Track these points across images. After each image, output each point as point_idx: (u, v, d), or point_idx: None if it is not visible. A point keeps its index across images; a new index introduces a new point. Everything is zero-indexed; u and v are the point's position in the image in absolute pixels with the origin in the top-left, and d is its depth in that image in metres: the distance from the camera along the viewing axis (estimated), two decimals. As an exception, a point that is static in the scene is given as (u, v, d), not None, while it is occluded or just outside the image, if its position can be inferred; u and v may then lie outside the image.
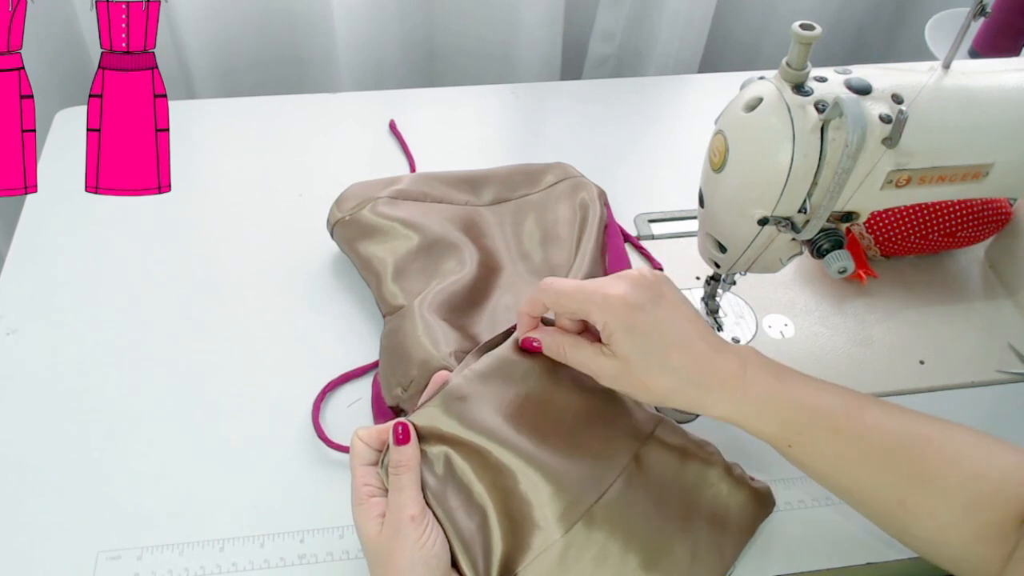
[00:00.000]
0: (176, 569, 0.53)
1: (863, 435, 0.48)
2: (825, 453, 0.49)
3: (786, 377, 0.50)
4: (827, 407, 0.49)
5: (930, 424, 0.49)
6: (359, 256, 0.68)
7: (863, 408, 0.49)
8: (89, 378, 0.63)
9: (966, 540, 0.46)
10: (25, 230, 0.73)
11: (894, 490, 0.48)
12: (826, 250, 0.54)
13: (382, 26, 1.03)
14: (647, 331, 0.49)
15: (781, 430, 0.49)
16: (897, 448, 0.48)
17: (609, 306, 0.49)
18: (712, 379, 0.49)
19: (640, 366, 0.49)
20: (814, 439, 0.48)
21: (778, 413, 0.49)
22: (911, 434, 0.48)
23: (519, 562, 0.49)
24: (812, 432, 0.48)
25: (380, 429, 0.50)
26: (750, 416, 0.49)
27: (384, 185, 0.72)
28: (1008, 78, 0.53)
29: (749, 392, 0.49)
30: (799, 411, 0.48)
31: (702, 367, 0.49)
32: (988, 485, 0.46)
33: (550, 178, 0.75)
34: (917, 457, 0.47)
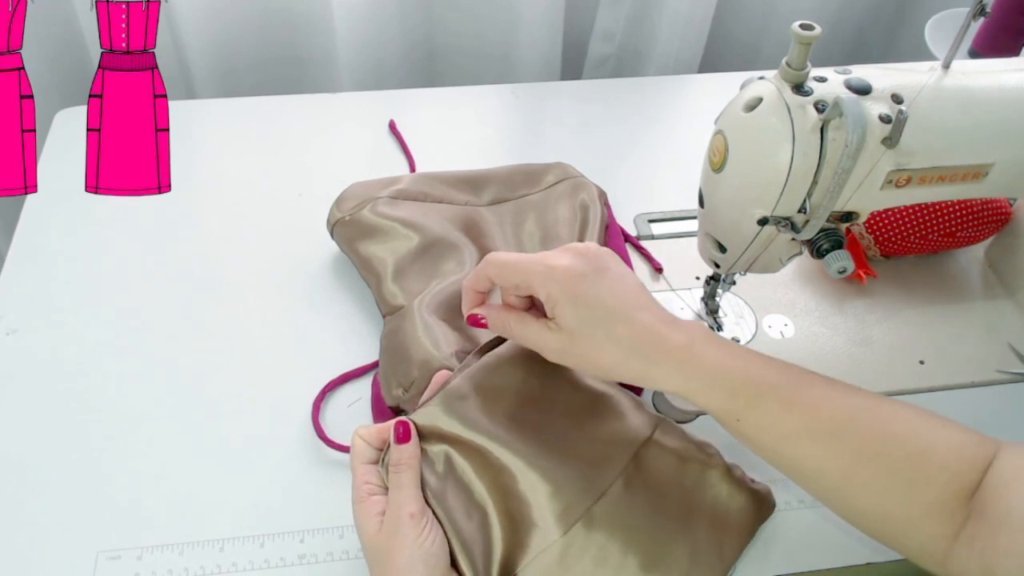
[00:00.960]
0: (176, 569, 0.53)
1: (811, 409, 0.48)
2: (773, 427, 0.48)
3: (735, 351, 0.49)
4: (776, 381, 0.48)
5: (878, 401, 0.49)
6: (359, 256, 0.68)
7: (812, 383, 0.49)
8: (89, 378, 0.63)
9: (912, 517, 0.46)
10: (25, 230, 0.73)
11: (839, 464, 0.47)
12: (826, 250, 0.54)
13: (382, 26, 1.03)
14: (591, 302, 0.48)
15: (730, 403, 0.48)
16: (845, 423, 0.47)
17: (552, 276, 0.48)
18: (659, 351, 0.48)
19: (585, 338, 0.48)
20: (763, 412, 0.48)
21: (727, 386, 0.48)
22: (859, 410, 0.48)
23: (519, 562, 0.49)
24: (761, 405, 0.48)
25: (381, 428, 0.50)
26: (698, 389, 0.48)
27: (384, 185, 0.72)
28: (1008, 78, 0.53)
29: (698, 365, 0.48)
30: (748, 384, 0.48)
31: (649, 339, 0.48)
32: (934, 461, 0.46)
33: (550, 178, 0.75)
34: (864, 432, 0.47)
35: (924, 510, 0.46)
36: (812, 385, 0.49)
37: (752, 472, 0.57)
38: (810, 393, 0.48)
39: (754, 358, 0.49)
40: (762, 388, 0.48)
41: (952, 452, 0.46)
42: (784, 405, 0.48)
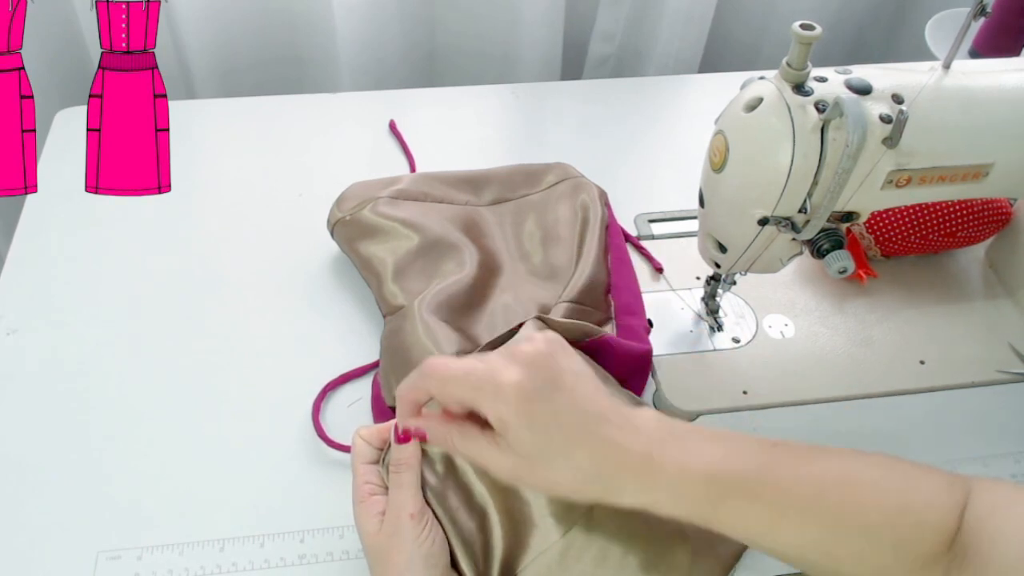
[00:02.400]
0: (176, 569, 0.53)
1: (779, 495, 0.46)
2: (745, 522, 0.46)
3: (693, 448, 0.46)
4: (739, 471, 0.46)
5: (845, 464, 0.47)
6: (359, 256, 0.68)
7: (777, 463, 0.46)
8: (89, 378, 0.63)
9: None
10: (25, 230, 0.73)
11: (819, 543, 0.45)
12: (826, 250, 0.54)
13: (382, 26, 1.03)
14: (547, 425, 0.44)
15: (697, 508, 0.45)
16: (815, 498, 0.46)
17: (502, 397, 0.43)
18: (621, 472, 0.44)
19: (540, 463, 0.44)
20: (731, 511, 0.45)
21: (690, 492, 0.45)
22: (826, 481, 0.46)
23: (519, 562, 0.49)
24: (727, 504, 0.45)
25: (382, 427, 0.50)
26: (663, 502, 0.45)
27: (384, 185, 0.72)
28: (1008, 78, 0.53)
29: (659, 478, 0.45)
30: (711, 485, 0.45)
31: (609, 461, 0.44)
32: (911, 518, 0.45)
33: (551, 178, 0.75)
34: (836, 504, 0.46)
35: (910, 569, 0.45)
36: (777, 466, 0.46)
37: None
38: (775, 476, 0.46)
39: (714, 448, 0.46)
40: (726, 486, 0.45)
41: (928, 505, 0.45)
42: (751, 498, 0.45)
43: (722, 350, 0.66)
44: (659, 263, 0.72)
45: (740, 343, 0.67)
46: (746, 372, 0.64)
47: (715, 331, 0.67)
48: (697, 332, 0.67)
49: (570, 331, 0.56)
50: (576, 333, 0.58)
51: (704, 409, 0.62)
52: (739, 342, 0.67)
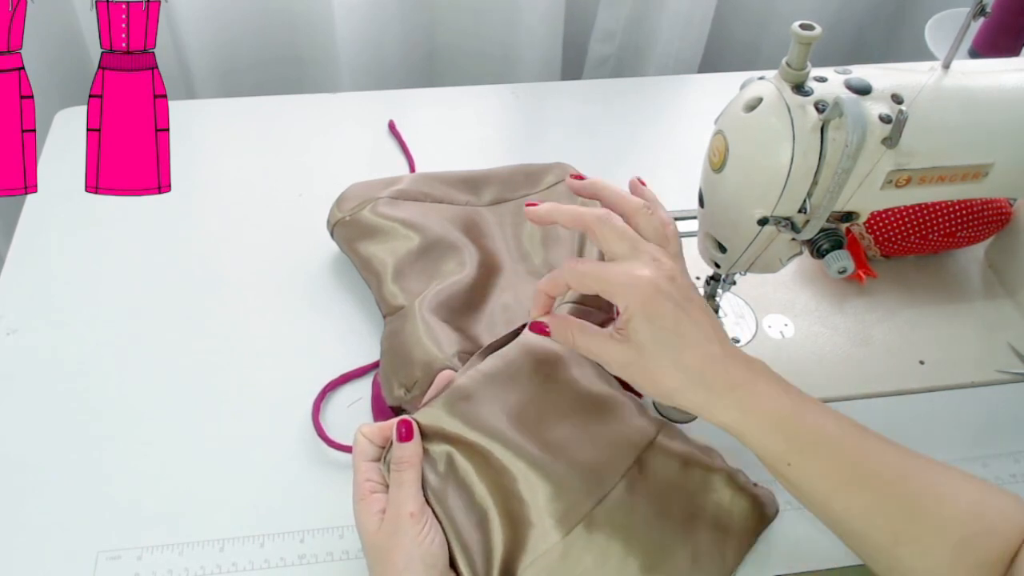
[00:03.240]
0: (176, 569, 0.53)
1: (864, 463, 0.47)
2: (824, 476, 0.48)
3: (794, 396, 0.49)
4: (831, 431, 0.48)
5: (928, 462, 0.49)
6: (359, 256, 0.68)
7: (865, 437, 0.49)
8: (89, 378, 0.63)
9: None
10: (25, 230, 0.73)
11: (888, 521, 0.47)
12: (826, 250, 0.54)
13: (382, 26, 1.03)
14: (667, 324, 0.47)
15: (783, 446, 0.48)
16: (895, 480, 0.47)
17: (636, 287, 0.47)
18: (722, 384, 0.47)
19: (652, 358, 0.47)
20: (815, 461, 0.47)
21: (783, 429, 0.47)
22: (909, 468, 0.48)
23: (519, 563, 0.49)
24: (814, 453, 0.47)
25: (384, 426, 0.50)
26: (754, 428, 0.48)
27: (384, 185, 0.72)
28: (1008, 78, 0.53)
29: (757, 403, 0.48)
30: (803, 430, 0.47)
31: (714, 370, 0.47)
32: (982, 523, 0.46)
33: (550, 178, 0.75)
34: (914, 490, 0.47)
35: (968, 571, 0.45)
36: (865, 439, 0.49)
37: (755, 474, 0.57)
38: (863, 446, 0.48)
39: (812, 406, 0.49)
40: (817, 436, 0.48)
41: (1000, 515, 0.46)
42: (837, 455, 0.47)
43: (722, 350, 0.66)
44: None
45: (740, 343, 0.66)
46: (746, 372, 0.64)
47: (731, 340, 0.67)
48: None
49: None
50: None
51: (704, 409, 0.62)
52: (739, 342, 0.67)
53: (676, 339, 0.47)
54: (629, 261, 0.48)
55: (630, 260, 0.48)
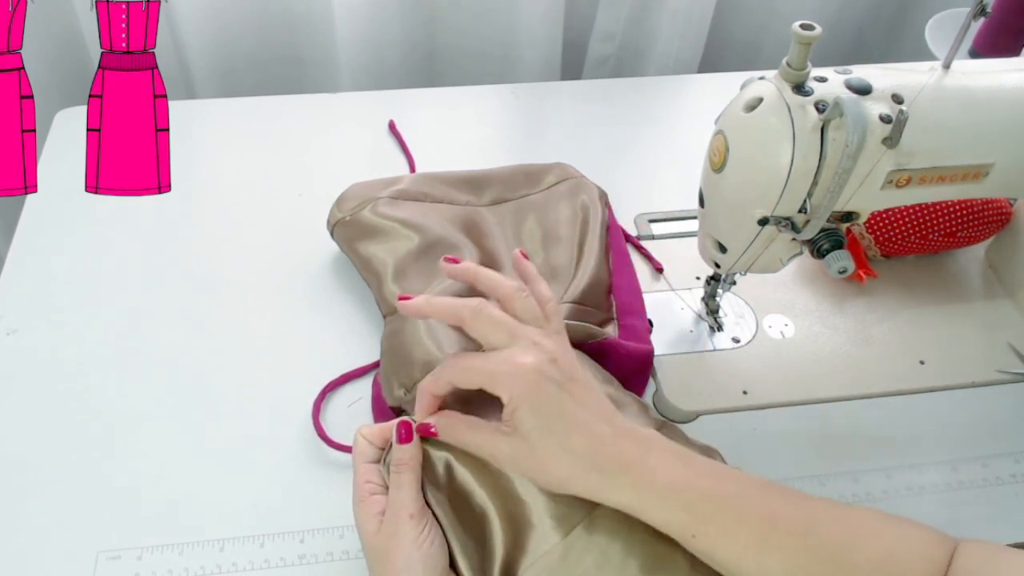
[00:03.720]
0: (176, 569, 0.53)
1: (769, 520, 0.46)
2: (732, 542, 0.46)
3: (690, 463, 0.48)
4: (732, 493, 0.47)
5: (836, 507, 0.48)
6: (359, 256, 0.68)
7: (767, 494, 0.48)
8: (89, 378, 0.63)
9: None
10: (25, 230, 0.73)
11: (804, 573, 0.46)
12: (826, 250, 0.54)
13: (382, 26, 1.03)
14: (552, 410, 0.46)
15: (686, 519, 0.46)
16: (806, 531, 0.46)
17: (519, 375, 0.46)
18: (614, 464, 0.46)
19: (540, 446, 0.46)
20: (720, 528, 0.46)
21: (682, 500, 0.46)
22: (818, 516, 0.47)
23: (519, 564, 0.49)
24: (718, 520, 0.46)
25: (383, 427, 0.50)
26: (653, 503, 0.46)
27: (384, 185, 0.72)
28: (1008, 78, 0.53)
29: (652, 478, 0.46)
30: (704, 499, 0.46)
31: (604, 451, 0.46)
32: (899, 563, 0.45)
33: (551, 178, 0.75)
34: (826, 540, 0.46)
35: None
36: (768, 496, 0.48)
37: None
38: (767, 504, 0.47)
39: (710, 470, 0.48)
40: (717, 502, 0.47)
41: (916, 553, 0.46)
42: (740, 517, 0.46)
43: (722, 350, 0.66)
44: (659, 263, 0.72)
45: (740, 343, 0.67)
46: (746, 372, 0.64)
47: (715, 331, 0.67)
48: (697, 332, 0.67)
49: (574, 332, 0.56)
50: (580, 334, 0.58)
51: (704, 409, 0.62)
52: (739, 342, 0.67)
53: (561, 424, 0.46)
54: (509, 349, 0.47)
55: (510, 348, 0.47)
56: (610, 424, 0.48)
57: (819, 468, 0.60)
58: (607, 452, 0.47)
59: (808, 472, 0.60)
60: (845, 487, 0.59)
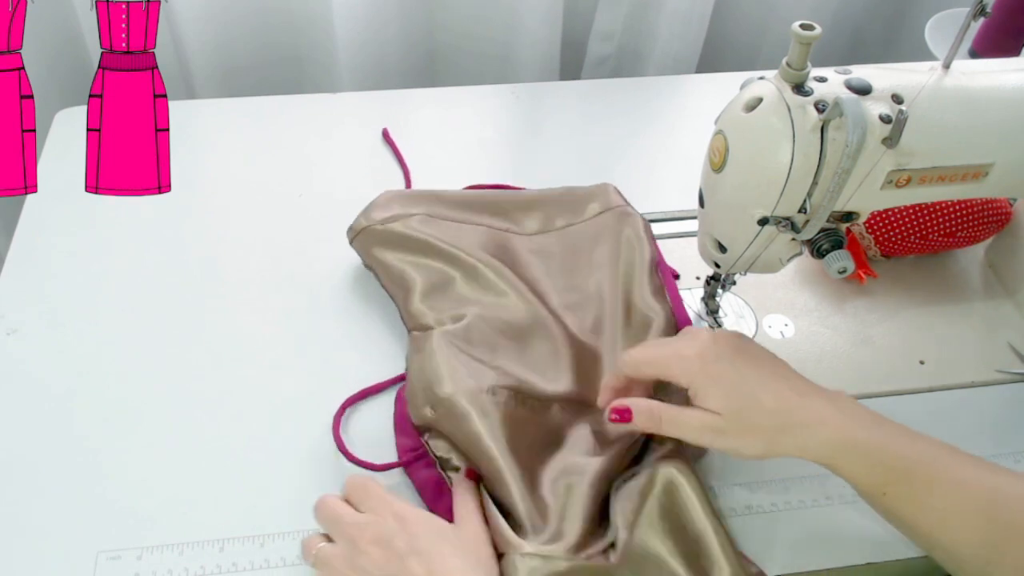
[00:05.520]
0: (176, 569, 0.53)
1: (960, 486, 0.48)
2: (920, 504, 0.48)
3: (880, 422, 0.50)
4: (923, 457, 0.49)
5: (1018, 477, 0.49)
6: (386, 267, 0.66)
7: (957, 461, 0.49)
8: (89, 378, 0.63)
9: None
10: (25, 230, 0.73)
11: (989, 540, 0.47)
12: (826, 250, 0.54)
13: (382, 26, 1.03)
14: (733, 380, 0.50)
15: (878, 476, 0.49)
16: (993, 499, 0.47)
17: (687, 364, 0.51)
18: (809, 419, 0.49)
19: (735, 415, 0.50)
20: (910, 488, 0.48)
21: (876, 458, 0.49)
22: (1003, 490, 0.48)
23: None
24: (909, 481, 0.48)
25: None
26: (847, 459, 0.49)
27: (419, 199, 0.70)
28: (1008, 78, 0.53)
29: (846, 434, 0.49)
30: (896, 458, 0.48)
31: (797, 408, 0.50)
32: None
33: (594, 207, 0.72)
34: (1014, 507, 0.47)
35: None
36: (957, 462, 0.49)
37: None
38: (956, 470, 0.49)
39: (900, 432, 0.50)
40: (911, 463, 0.48)
41: None
42: (931, 482, 0.48)
43: (722, 350, 0.66)
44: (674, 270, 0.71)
45: (740, 343, 0.66)
46: (746, 372, 0.64)
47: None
48: (697, 332, 0.67)
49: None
50: None
51: (704, 409, 0.62)
52: (739, 342, 0.67)
53: (748, 391, 0.50)
54: (677, 342, 0.54)
55: (677, 342, 0.54)
56: (790, 382, 0.51)
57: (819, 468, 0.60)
58: (800, 408, 0.50)
59: (808, 472, 0.60)
60: (845, 487, 0.59)
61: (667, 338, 0.55)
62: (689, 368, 0.51)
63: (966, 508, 0.47)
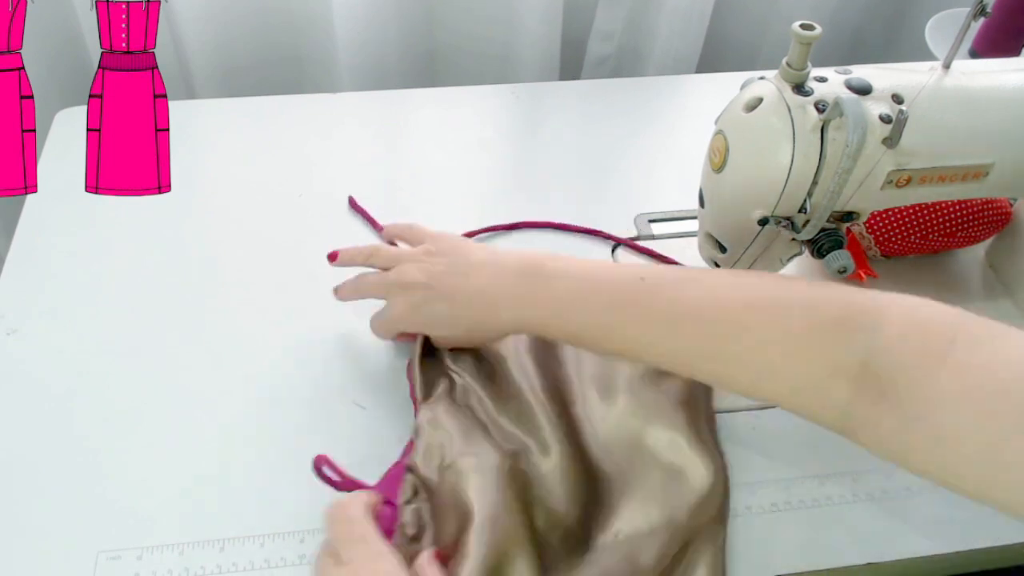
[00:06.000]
0: (176, 569, 0.53)
1: (668, 302, 0.48)
2: (635, 331, 0.48)
3: (570, 262, 0.51)
4: (629, 283, 0.49)
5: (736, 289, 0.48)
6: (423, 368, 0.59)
7: (662, 278, 0.49)
8: (89, 378, 0.63)
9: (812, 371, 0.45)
10: (25, 230, 0.73)
11: (708, 343, 0.47)
12: (826, 250, 0.54)
13: (382, 26, 1.03)
14: (419, 288, 0.56)
15: (577, 320, 0.49)
16: (707, 305, 0.48)
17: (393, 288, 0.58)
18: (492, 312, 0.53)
19: (435, 319, 0.57)
20: (625, 320, 0.48)
21: (570, 304, 0.49)
22: (719, 295, 0.48)
23: None
24: (621, 313, 0.48)
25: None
26: (536, 316, 0.51)
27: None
28: (1008, 78, 0.53)
29: (534, 293, 0.50)
30: (597, 294, 0.49)
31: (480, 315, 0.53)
32: (828, 313, 0.46)
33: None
34: (713, 317, 0.47)
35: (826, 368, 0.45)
36: (664, 282, 0.49)
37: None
38: (661, 290, 0.48)
39: (596, 265, 0.51)
40: (616, 293, 0.48)
41: (847, 300, 0.46)
42: (643, 307, 0.48)
43: (722, 350, 0.66)
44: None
45: (740, 343, 0.66)
46: (746, 372, 0.64)
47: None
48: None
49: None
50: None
51: (704, 409, 0.62)
52: (739, 342, 0.67)
53: (441, 296, 0.55)
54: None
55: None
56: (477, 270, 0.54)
57: (819, 468, 0.60)
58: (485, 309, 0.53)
59: (808, 472, 0.60)
60: (845, 487, 0.59)
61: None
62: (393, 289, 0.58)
63: (680, 319, 0.47)
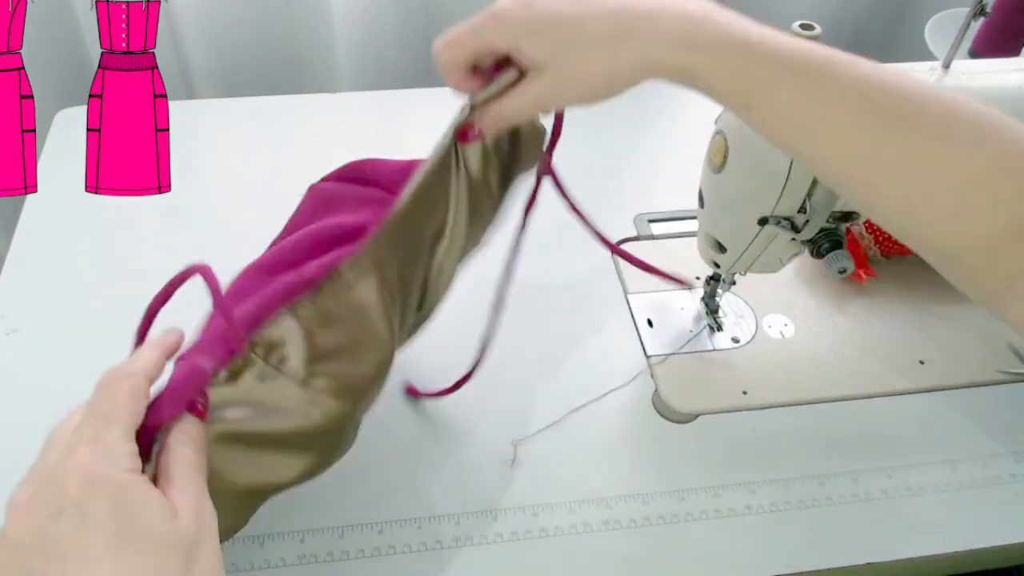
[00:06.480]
0: (176, 569, 0.53)
1: (846, 83, 0.39)
2: (793, 107, 0.39)
3: (738, 18, 0.41)
4: (801, 51, 0.39)
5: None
6: None
7: (844, 59, 0.40)
8: (89, 378, 0.63)
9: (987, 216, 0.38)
10: (25, 230, 0.73)
11: (895, 151, 0.38)
12: (826, 250, 0.54)
13: (382, 26, 1.03)
14: (551, 18, 0.41)
15: (738, 84, 0.40)
16: (895, 102, 0.38)
17: (503, 20, 0.42)
18: (649, 26, 0.40)
19: (566, 59, 0.42)
20: (782, 91, 0.39)
21: (735, 63, 0.39)
22: (906, 87, 0.38)
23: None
24: (781, 81, 0.39)
25: None
26: (702, 68, 0.40)
27: None
28: (1008, 78, 0.53)
29: (697, 39, 0.39)
30: (764, 58, 0.39)
31: (631, 15, 0.40)
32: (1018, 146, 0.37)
33: None
34: (919, 110, 0.38)
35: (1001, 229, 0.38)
36: (844, 61, 0.40)
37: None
38: (841, 68, 0.39)
39: (765, 28, 0.41)
40: (780, 60, 0.39)
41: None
42: (810, 79, 0.39)
43: (722, 350, 0.66)
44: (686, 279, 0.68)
45: (740, 343, 0.67)
46: (746, 372, 0.64)
47: (715, 331, 0.67)
48: (697, 332, 0.67)
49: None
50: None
51: (703, 409, 0.62)
52: (739, 342, 0.67)
53: (571, 22, 0.41)
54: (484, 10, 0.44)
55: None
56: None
57: (819, 468, 0.60)
58: (632, 14, 0.40)
59: (808, 472, 0.60)
60: (845, 487, 0.59)
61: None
62: (504, 26, 0.42)
63: (854, 105, 0.38)
